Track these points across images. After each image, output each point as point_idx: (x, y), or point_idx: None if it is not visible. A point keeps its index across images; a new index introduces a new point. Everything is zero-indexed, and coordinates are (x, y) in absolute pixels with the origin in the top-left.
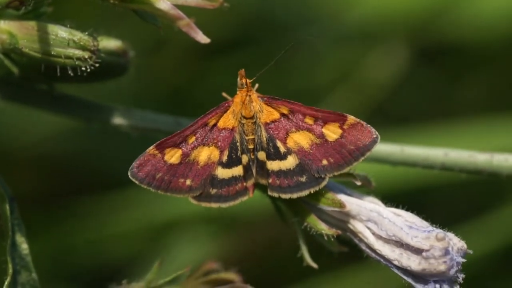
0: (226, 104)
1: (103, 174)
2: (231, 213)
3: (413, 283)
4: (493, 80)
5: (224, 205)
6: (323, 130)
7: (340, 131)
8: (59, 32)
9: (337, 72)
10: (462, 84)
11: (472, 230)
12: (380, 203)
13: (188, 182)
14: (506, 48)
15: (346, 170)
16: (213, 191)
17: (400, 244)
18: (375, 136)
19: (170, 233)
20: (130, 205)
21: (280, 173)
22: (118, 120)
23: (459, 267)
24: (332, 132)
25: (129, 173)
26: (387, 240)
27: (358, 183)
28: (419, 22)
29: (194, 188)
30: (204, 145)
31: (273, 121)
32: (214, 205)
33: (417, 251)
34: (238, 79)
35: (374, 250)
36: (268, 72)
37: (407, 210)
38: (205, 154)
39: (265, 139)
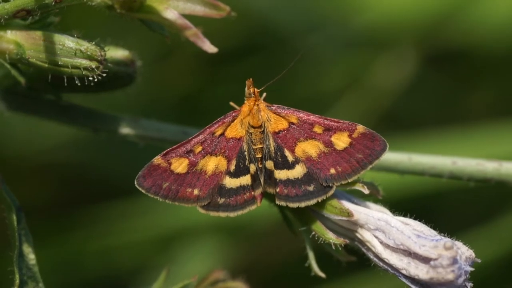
0: (234, 114)
1: (110, 183)
2: (239, 223)
3: None
4: (502, 85)
5: (232, 214)
6: (332, 139)
7: (349, 140)
8: (66, 42)
9: (345, 79)
10: (471, 90)
11: (480, 237)
12: (388, 212)
13: (196, 191)
14: None
15: (353, 178)
16: (221, 201)
17: (408, 253)
18: (383, 144)
19: (178, 242)
20: (138, 215)
21: (288, 182)
22: (125, 130)
23: (467, 276)
24: (341, 141)
25: (135, 182)
26: (395, 249)
27: (366, 192)
28: (427, 28)
29: (202, 198)
30: (211, 155)
31: (281, 130)
32: (222, 214)
33: (425, 260)
34: (246, 88)
35: (382, 259)
36: (277, 79)
37: (415, 218)
38: (212, 164)
39: (273, 148)
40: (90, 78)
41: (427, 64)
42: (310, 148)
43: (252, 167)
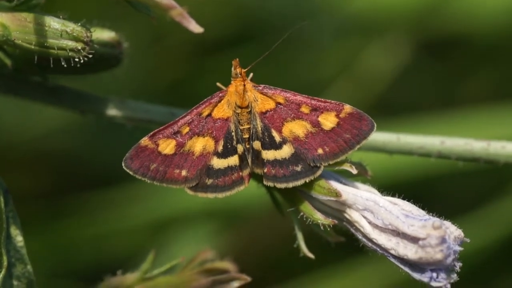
0: (220, 94)
1: (103, 170)
2: (231, 208)
3: (410, 272)
4: (494, 72)
5: (220, 195)
6: (319, 119)
7: (336, 120)
8: (52, 23)
9: (338, 66)
10: (463, 77)
11: (471, 221)
12: (376, 192)
13: (183, 172)
14: (507, 40)
15: (341, 158)
16: (209, 182)
17: (397, 233)
18: (371, 124)
19: (170, 229)
20: (129, 202)
21: (275, 162)
22: (112, 111)
23: (456, 255)
24: (328, 121)
25: (123, 164)
26: (383, 229)
27: (354, 172)
28: (420, 15)
29: (190, 179)
30: (198, 136)
31: (268, 111)
32: (211, 195)
33: (414, 239)
34: (232, 68)
35: (370, 240)
36: (269, 67)
37: (403, 199)
38: (200, 145)
39: (260, 128)
40: (76, 60)
41: (419, 51)
42: (297, 128)
43: (240, 148)
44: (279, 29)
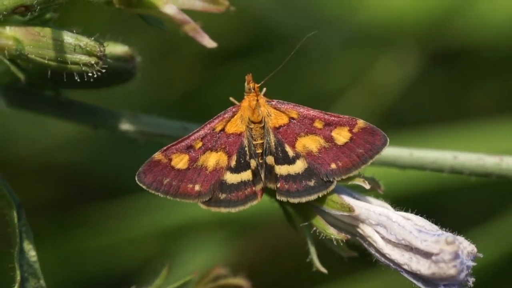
0: (234, 109)
1: (113, 181)
2: (242, 219)
3: (423, 287)
4: (504, 83)
5: (233, 210)
6: (332, 134)
7: (349, 134)
8: (65, 37)
9: (348, 77)
10: (473, 88)
11: (483, 234)
12: (389, 207)
13: (197, 187)
14: None
15: (354, 173)
16: (223, 196)
17: (410, 248)
18: (384, 139)
19: (181, 239)
20: (140, 212)
21: (288, 177)
22: (124, 126)
23: (469, 271)
24: (341, 135)
25: (136, 178)
26: (396, 244)
27: (367, 187)
28: (429, 26)
29: (203, 194)
30: (212, 150)
31: (282, 126)
32: (224, 210)
33: (427, 255)
34: (246, 83)
35: (383, 255)
36: (279, 78)
37: (416, 214)
38: (213, 159)
39: (273, 143)
40: (90, 74)
41: (429, 62)
42: (310, 143)
43: (253, 163)
44: (289, 39)
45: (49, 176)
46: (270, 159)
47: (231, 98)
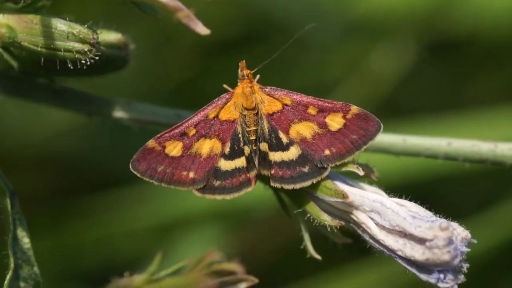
0: (227, 96)
1: (110, 172)
2: (238, 210)
3: (417, 273)
4: (500, 73)
5: (228, 196)
6: (326, 120)
7: (343, 121)
8: (58, 25)
9: (345, 67)
10: (469, 78)
11: (477, 223)
12: (383, 193)
13: (191, 174)
14: None
15: (348, 159)
16: (217, 183)
17: (404, 234)
18: (377, 125)
19: (177, 231)
20: (136, 203)
21: (282, 164)
22: (118, 113)
23: (464, 256)
24: (335, 122)
25: (130, 166)
26: (390, 231)
27: (361, 173)
28: (426, 16)
29: (198, 181)
30: (205, 137)
31: (275, 112)
32: (218, 197)
33: (421, 241)
34: (239, 70)
35: (377, 241)
36: (276, 68)
37: (410, 200)
38: (207, 146)
39: (267, 130)
40: (83, 62)
41: (425, 52)
42: (304, 129)
43: (247, 149)
44: (285, 30)
45: (44, 166)
46: (264, 146)
47: (224, 85)
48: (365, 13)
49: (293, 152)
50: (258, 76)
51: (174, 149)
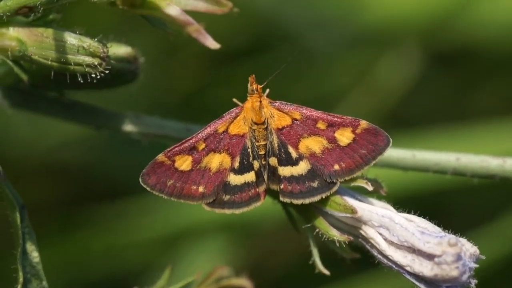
0: (237, 110)
1: (117, 182)
2: (245, 221)
3: None
4: (507, 84)
5: (237, 211)
6: (335, 135)
7: (352, 135)
8: (69, 38)
9: (351, 78)
10: (476, 89)
11: (485, 236)
12: (391, 208)
13: (201, 189)
14: None
15: (357, 174)
16: (226, 198)
17: (412, 250)
18: (387, 140)
19: (184, 241)
20: (143, 214)
21: (292, 178)
22: (127, 127)
23: (472, 272)
24: (344, 136)
25: (140, 180)
26: (399, 246)
27: (370, 188)
28: (432, 27)
29: (207, 195)
30: (215, 152)
31: (285, 127)
32: (228, 211)
33: (430, 256)
34: (249, 84)
35: (386, 256)
36: (282, 79)
37: (419, 216)
38: (216, 161)
39: (276, 145)
40: (93, 75)
41: (432, 63)
42: (313, 144)
43: (256, 164)
44: (292, 40)
45: (51, 176)
46: (273, 161)
47: (234, 99)
48: (371, 23)
49: (302, 167)
50: (267, 91)
51: (184, 163)
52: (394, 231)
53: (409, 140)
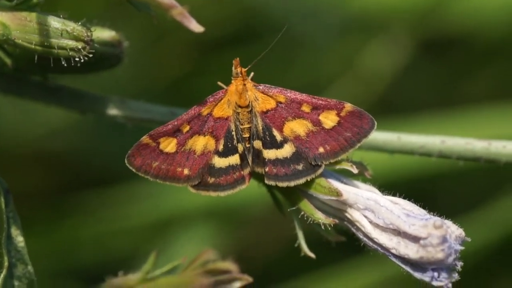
0: (221, 93)
1: (104, 170)
2: (233, 208)
3: (411, 271)
4: (496, 71)
5: (222, 193)
6: (320, 117)
7: (337, 118)
8: (52, 22)
9: (339, 64)
10: (465, 76)
11: (471, 221)
12: (377, 191)
13: (186, 171)
14: (508, 40)
15: (342, 156)
16: (211, 180)
17: (398, 232)
18: (371, 122)
19: (172, 228)
20: (133, 200)
21: (276, 161)
22: (112, 111)
23: (458, 255)
24: (329, 119)
25: (125, 161)
26: (384, 229)
27: (355, 171)
28: (421, 14)
29: (192, 177)
30: (199, 134)
31: (269, 110)
32: (213, 194)
33: (415, 239)
34: (233, 68)
35: (371, 239)
36: (270, 66)
37: (404, 198)
38: (201, 143)
39: (261, 128)
40: (77, 59)
41: (421, 50)
42: (298, 127)
43: (240, 147)
44: (280, 28)
45: (38, 164)
46: (257, 144)
47: (219, 83)
48: (359, 11)
49: (287, 150)
50: (252, 74)
51: (169, 145)
52: (379, 213)
53: (396, 125)
